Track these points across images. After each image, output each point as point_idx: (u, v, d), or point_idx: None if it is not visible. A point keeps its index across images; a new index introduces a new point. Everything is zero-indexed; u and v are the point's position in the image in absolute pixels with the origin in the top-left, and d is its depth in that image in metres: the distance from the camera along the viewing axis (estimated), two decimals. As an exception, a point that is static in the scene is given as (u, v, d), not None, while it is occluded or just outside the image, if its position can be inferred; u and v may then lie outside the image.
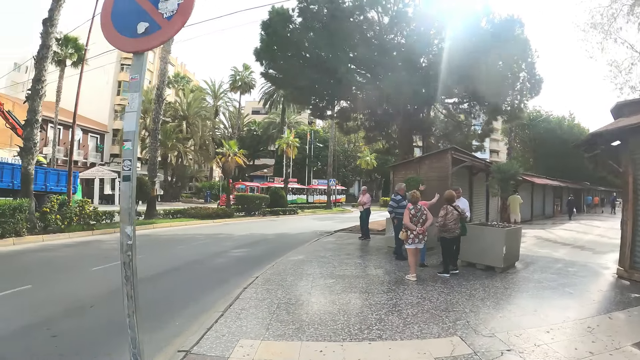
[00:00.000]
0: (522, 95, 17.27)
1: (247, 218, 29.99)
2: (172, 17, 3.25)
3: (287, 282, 8.38)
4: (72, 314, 6.38)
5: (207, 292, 8.06)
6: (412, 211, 8.64)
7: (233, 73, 54.56)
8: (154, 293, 7.78)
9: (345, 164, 64.49)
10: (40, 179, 23.14)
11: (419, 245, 8.51)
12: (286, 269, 9.78)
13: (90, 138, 48.81)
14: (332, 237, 17.27)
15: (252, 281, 8.48)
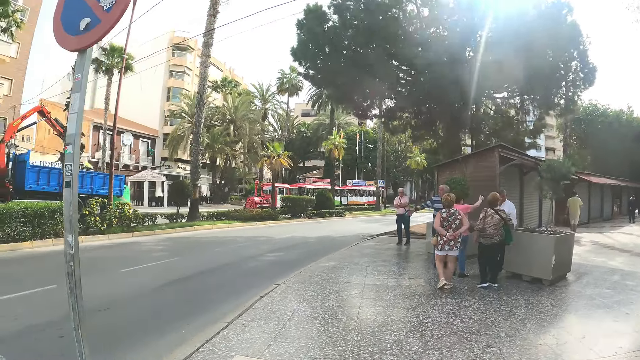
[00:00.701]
0: (574, 87, 15.74)
1: (292, 220, 29.72)
2: (111, 9, 3.06)
3: (309, 292, 7.76)
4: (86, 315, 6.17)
5: (228, 298, 7.71)
6: (444, 215, 7.82)
7: (280, 75, 54.73)
8: (176, 296, 7.86)
9: (396, 164, 63.00)
10: (87, 182, 23.80)
11: (450, 252, 7.67)
12: (313, 277, 9.16)
13: (142, 143, 50.43)
14: (372, 241, 16.48)
15: (273, 289, 7.97)
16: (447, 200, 7.91)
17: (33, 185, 20.98)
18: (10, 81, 33.78)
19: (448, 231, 7.67)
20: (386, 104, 21.80)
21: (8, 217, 13.00)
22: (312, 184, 50.18)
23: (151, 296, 7.85)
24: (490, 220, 7.72)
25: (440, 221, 7.80)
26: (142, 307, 7.11)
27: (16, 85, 34.33)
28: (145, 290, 8.25)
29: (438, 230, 7.81)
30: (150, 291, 8.17)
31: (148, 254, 13.35)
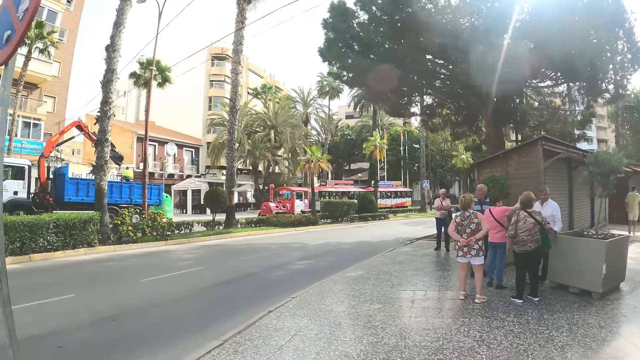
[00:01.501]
0: (623, 69, 13.99)
1: (333, 225, 29.05)
2: (24, 17, 2.93)
3: (323, 307, 7.01)
4: (90, 326, 6.43)
5: (238, 311, 7.19)
6: (458, 219, 6.95)
7: (320, 79, 54.28)
8: (185, 309, 7.57)
9: (442, 163, 60.90)
10: (125, 192, 24.28)
11: (474, 260, 6.79)
12: (333, 288, 8.42)
13: (186, 152, 51.24)
14: (410, 246, 15.49)
15: (285, 302, 7.32)
16: (463, 201, 7.02)
17: (72, 196, 21.78)
18: (54, 98, 35.21)
19: (462, 236, 6.80)
20: (424, 101, 20.64)
21: (40, 228, 13.33)
22: (333, 187, 46.96)
23: (161, 308, 7.60)
24: (523, 225, 6.70)
25: (455, 225, 6.93)
26: (148, 319, 6.91)
27: (59, 102, 35.78)
28: (157, 301, 8.03)
29: (452, 235, 7.04)
30: (162, 302, 7.95)
31: (174, 263, 13.26)
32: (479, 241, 6.75)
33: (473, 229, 6.77)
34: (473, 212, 6.90)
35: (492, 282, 7.97)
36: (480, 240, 6.75)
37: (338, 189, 47.10)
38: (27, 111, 32.88)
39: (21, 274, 10.87)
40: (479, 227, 6.76)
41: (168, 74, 38.49)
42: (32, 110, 33.31)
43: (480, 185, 9.40)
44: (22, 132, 31.48)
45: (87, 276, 11.07)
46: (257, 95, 57.73)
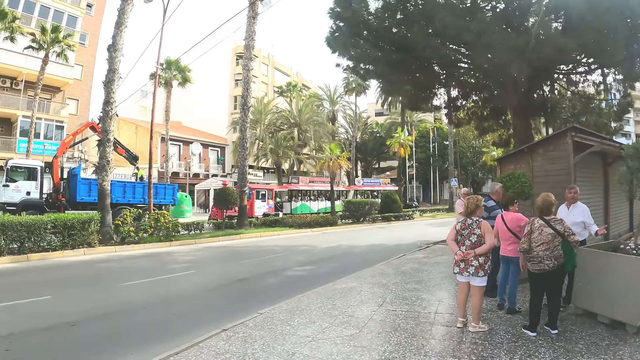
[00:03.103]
0: None
1: (353, 226, 27.87)
2: None
3: (286, 329, 5.85)
4: (48, 329, 6.28)
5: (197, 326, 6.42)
6: (459, 226, 5.56)
7: (345, 75, 52.92)
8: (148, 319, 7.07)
9: (473, 161, 58.27)
10: (139, 192, 23.84)
11: (473, 280, 5.37)
12: (311, 304, 7.18)
13: (211, 151, 50.76)
14: (423, 251, 14.01)
15: (247, 319, 6.37)
16: (467, 204, 5.61)
17: (85, 197, 21.59)
18: (77, 101, 35.70)
19: (460, 248, 5.42)
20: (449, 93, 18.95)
21: (37, 228, 13.32)
22: (308, 185, 40.94)
23: (123, 315, 7.19)
24: (539, 237, 5.20)
25: (455, 233, 5.55)
26: (104, 328, 6.49)
27: (82, 105, 36.22)
28: (125, 307, 7.61)
29: (449, 245, 5.65)
30: (129, 309, 7.51)
31: (168, 265, 12.68)
32: (480, 257, 5.28)
33: (473, 242, 5.35)
34: (476, 221, 5.45)
35: (502, 305, 6.46)
36: (481, 256, 5.29)
37: (315, 187, 40.99)
38: (51, 114, 33.42)
39: (11, 274, 11.00)
40: (480, 240, 5.33)
41: (188, 73, 38.30)
42: (55, 112, 33.81)
43: (495, 184, 7.80)
44: (45, 134, 31.89)
45: (73, 277, 10.94)
46: (283, 94, 56.89)
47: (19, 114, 30.64)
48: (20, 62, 30.26)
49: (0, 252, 12.54)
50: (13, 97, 31.14)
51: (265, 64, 64.92)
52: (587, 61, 13.89)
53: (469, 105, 19.30)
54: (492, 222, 6.67)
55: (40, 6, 32.72)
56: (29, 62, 29.80)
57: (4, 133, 31.22)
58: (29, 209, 18.80)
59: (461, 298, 5.55)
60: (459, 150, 53.22)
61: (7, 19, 25.98)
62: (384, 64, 14.67)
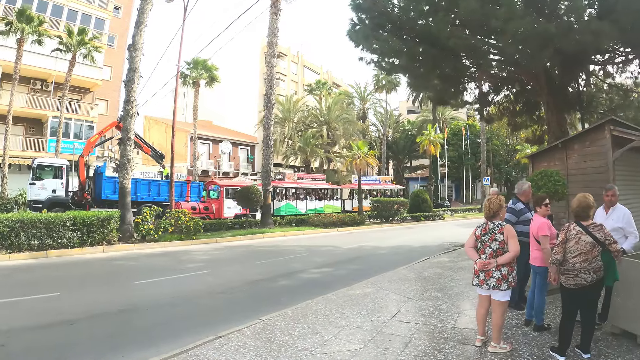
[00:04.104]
0: None
1: (381, 225, 27.28)
2: None
3: (284, 339, 5.37)
4: (46, 327, 6.28)
5: (192, 331, 6.14)
6: (479, 231, 4.84)
7: (375, 72, 52.09)
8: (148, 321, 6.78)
9: (507, 159, 56.21)
10: (164, 190, 23.90)
11: (495, 293, 4.65)
12: (319, 311, 6.66)
13: (241, 150, 50.74)
14: (449, 255, 13.25)
15: (245, 327, 5.95)
16: (488, 206, 4.90)
17: (110, 194, 21.78)
18: (107, 101, 36.39)
19: (481, 256, 4.71)
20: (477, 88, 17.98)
21: (57, 225, 13.50)
22: (296, 182, 35.10)
23: (125, 315, 7.01)
24: (575, 246, 4.45)
25: (474, 239, 4.85)
26: (102, 328, 6.34)
27: (112, 105, 36.75)
28: (129, 307, 7.45)
29: (468, 254, 4.92)
30: (132, 309, 7.36)
31: (183, 264, 12.46)
32: (502, 267, 4.56)
33: (495, 250, 4.65)
34: (498, 225, 4.73)
35: (529, 321, 5.69)
36: (504, 266, 4.57)
37: (300, 184, 35.01)
38: (81, 114, 34.25)
39: (27, 269, 11.17)
40: (503, 247, 4.62)
41: (215, 72, 38.34)
42: (85, 113, 34.65)
43: (523, 183, 6.99)
44: (77, 133, 32.71)
45: (86, 274, 10.96)
46: (312, 92, 56.44)
47: (49, 114, 31.43)
48: (49, 64, 30.96)
49: (20, 248, 12.77)
50: (43, 98, 32.02)
51: (295, 63, 64.71)
52: (624, 50, 12.78)
53: (500, 100, 18.32)
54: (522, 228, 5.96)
55: (68, 10, 33.64)
56: (58, 64, 30.46)
57: (35, 133, 32.11)
58: (55, 207, 19.09)
59: (480, 313, 4.86)
60: (492, 148, 51.48)
61: (34, 22, 26.54)
62: (408, 57, 13.91)
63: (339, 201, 36.70)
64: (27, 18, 26.11)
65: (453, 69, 15.03)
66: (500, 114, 18.90)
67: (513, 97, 17.49)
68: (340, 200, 37.13)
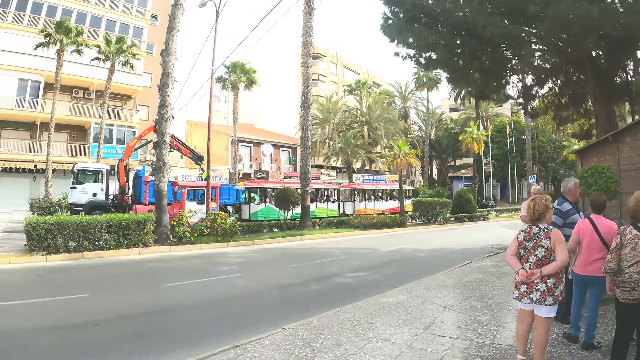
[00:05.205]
0: None
1: (423, 227, 26.62)
2: None
3: (304, 353, 4.96)
4: (70, 327, 6.37)
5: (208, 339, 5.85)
6: (522, 236, 4.19)
7: (415, 70, 51.08)
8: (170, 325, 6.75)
9: (553, 156, 53.59)
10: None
11: (538, 309, 4.01)
12: (345, 321, 6.23)
13: (282, 152, 50.84)
14: (492, 259, 12.48)
15: (266, 336, 5.59)
16: (532, 207, 4.24)
17: (150, 197, 21.94)
18: (147, 107, 37.51)
19: (523, 265, 4.08)
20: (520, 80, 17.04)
21: (93, 227, 13.72)
22: (282, 182, 30.97)
23: (149, 318, 7.03)
24: (632, 253, 3.84)
25: (516, 246, 4.22)
26: (125, 330, 6.37)
27: (153, 111, 37.40)
28: (155, 309, 7.53)
29: (508, 261, 4.31)
30: (158, 311, 7.43)
31: (216, 267, 12.53)
32: (548, 279, 3.95)
33: (540, 258, 4.03)
34: (544, 229, 4.10)
35: (575, 337, 5.00)
36: (551, 277, 3.95)
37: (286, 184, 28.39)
38: (123, 120, 35.56)
39: (62, 270, 11.39)
40: (549, 255, 4.03)
41: (253, 75, 38.58)
42: (127, 119, 35.96)
43: (569, 180, 6.30)
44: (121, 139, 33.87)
45: (119, 276, 11.15)
46: (352, 92, 56.02)
47: (91, 121, 32.74)
48: (90, 73, 32.22)
49: (57, 250, 12.99)
50: (85, 106, 33.45)
51: (334, 63, 64.53)
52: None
53: (545, 93, 17.31)
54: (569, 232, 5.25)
55: (107, 20, 35.06)
56: (98, 72, 31.55)
57: (78, 139, 33.54)
58: (95, 210, 19.54)
59: (521, 330, 4.23)
60: (538, 145, 49.22)
61: (72, 33, 27.47)
62: (445, 50, 13.30)
63: (335, 203, 31.90)
64: (65, 29, 27.09)
65: (493, 61, 14.33)
66: (545, 108, 17.90)
67: (558, 89, 16.46)
68: (337, 202, 32.22)
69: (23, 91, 30.78)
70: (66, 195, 23.30)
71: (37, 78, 31.18)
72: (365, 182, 35.21)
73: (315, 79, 56.81)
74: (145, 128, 24.89)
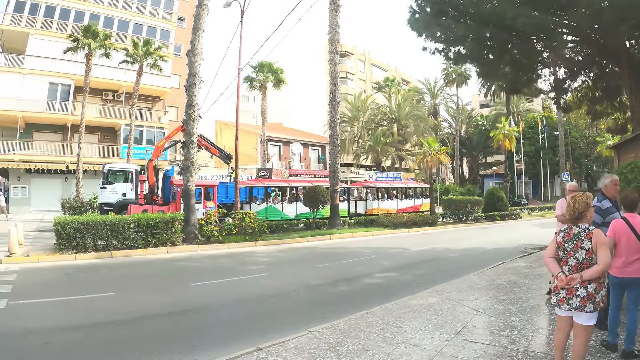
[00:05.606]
0: None
1: (454, 225, 26.02)
2: None
3: (331, 356, 4.89)
4: (94, 326, 6.46)
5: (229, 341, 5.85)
6: (561, 236, 3.85)
7: (444, 66, 50.18)
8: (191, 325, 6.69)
9: (587, 152, 51.69)
10: (232, 192, 24.17)
11: (578, 315, 3.71)
12: (373, 324, 6.05)
13: (312, 150, 50.81)
14: (525, 259, 12.01)
15: (287, 340, 5.46)
16: (572, 205, 3.86)
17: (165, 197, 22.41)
18: (176, 108, 37.95)
19: (563, 268, 3.77)
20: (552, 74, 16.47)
21: (121, 227, 13.91)
22: (286, 181, 30.28)
23: (172, 318, 7.03)
24: None
25: (555, 247, 3.90)
26: (148, 329, 6.49)
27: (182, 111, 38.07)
28: (179, 308, 7.53)
29: (548, 265, 3.96)
30: (181, 311, 7.41)
31: (244, 266, 12.55)
32: (589, 284, 3.68)
33: (580, 261, 3.71)
34: (585, 229, 3.78)
35: (614, 345, 4.66)
36: (592, 282, 3.64)
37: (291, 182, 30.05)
38: (152, 121, 36.25)
39: (90, 269, 11.65)
40: (590, 258, 3.72)
41: (281, 74, 38.71)
42: (156, 120, 36.70)
43: (607, 176, 5.93)
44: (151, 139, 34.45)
45: (146, 274, 11.27)
46: (381, 89, 55.59)
47: (121, 122, 33.46)
48: (118, 76, 33.01)
49: (86, 249, 13.25)
50: (115, 108, 34.21)
51: (362, 61, 64.20)
52: None
53: (577, 86, 16.71)
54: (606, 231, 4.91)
55: (134, 24, 35.87)
56: (127, 75, 32.20)
57: (109, 141, 34.37)
58: (124, 209, 19.89)
59: (559, 338, 3.94)
60: (571, 141, 47.68)
61: (99, 37, 28.13)
62: (474, 43, 12.97)
63: (344, 203, 29.49)
64: (92, 33, 27.74)
65: (524, 54, 13.93)
66: (578, 102, 17.30)
67: (591, 82, 15.89)
68: (346, 201, 30.06)
69: (54, 95, 31.71)
70: (97, 195, 23.83)
71: (67, 82, 32.12)
72: (379, 179, 33.43)
73: (344, 77, 56.63)
74: (174, 128, 25.20)
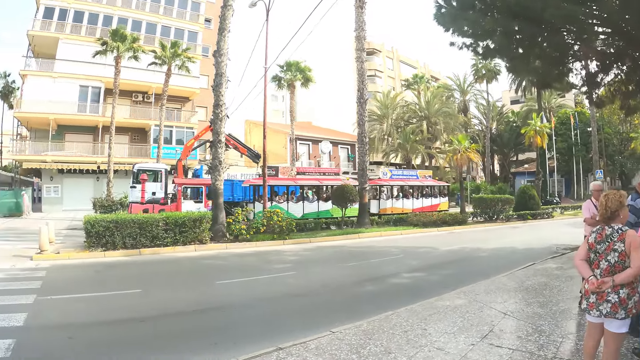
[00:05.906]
0: None
1: (485, 224, 25.56)
2: None
3: (353, 358, 4.79)
4: (117, 322, 6.58)
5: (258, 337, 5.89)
6: (593, 237, 3.63)
7: (474, 61, 49.19)
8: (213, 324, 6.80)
9: (620, 149, 49.62)
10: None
11: (608, 323, 3.49)
12: (397, 325, 5.96)
13: (341, 149, 50.64)
14: (556, 260, 11.62)
15: (308, 340, 5.42)
16: (604, 204, 3.63)
17: None
18: (205, 108, 38.53)
19: (594, 271, 3.55)
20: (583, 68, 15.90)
21: (149, 225, 14.13)
22: (292, 179, 28.72)
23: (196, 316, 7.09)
24: None
25: (587, 248, 3.67)
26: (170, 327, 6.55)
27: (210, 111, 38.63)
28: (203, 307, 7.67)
29: (578, 268, 3.74)
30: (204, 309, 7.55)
31: (270, 265, 12.66)
32: (621, 288, 3.41)
33: (612, 264, 3.46)
34: (618, 230, 3.54)
35: None
36: (624, 287, 3.40)
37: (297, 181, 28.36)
38: (182, 121, 37.10)
39: (118, 266, 11.85)
40: (623, 260, 3.45)
41: (309, 73, 38.78)
42: (185, 120, 37.52)
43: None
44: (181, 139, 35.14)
45: (173, 272, 11.43)
46: (410, 86, 54.95)
47: (150, 123, 34.25)
48: (147, 77, 33.74)
49: (115, 247, 13.49)
50: (145, 109, 35.12)
51: (390, 58, 63.72)
52: None
53: (610, 80, 16.08)
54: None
55: (162, 27, 36.73)
56: (156, 76, 32.81)
57: (139, 141, 35.22)
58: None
59: (589, 345, 3.73)
60: (604, 137, 45.98)
61: (127, 40, 28.80)
62: (502, 37, 12.62)
63: None
64: (120, 37, 28.44)
65: (554, 47, 13.50)
66: (611, 96, 16.62)
67: (624, 75, 15.19)
68: None
69: (84, 97, 32.80)
70: (127, 194, 24.39)
71: (97, 84, 33.10)
72: (394, 177, 31.42)
73: (372, 74, 56.23)
74: (202, 128, 25.53)
